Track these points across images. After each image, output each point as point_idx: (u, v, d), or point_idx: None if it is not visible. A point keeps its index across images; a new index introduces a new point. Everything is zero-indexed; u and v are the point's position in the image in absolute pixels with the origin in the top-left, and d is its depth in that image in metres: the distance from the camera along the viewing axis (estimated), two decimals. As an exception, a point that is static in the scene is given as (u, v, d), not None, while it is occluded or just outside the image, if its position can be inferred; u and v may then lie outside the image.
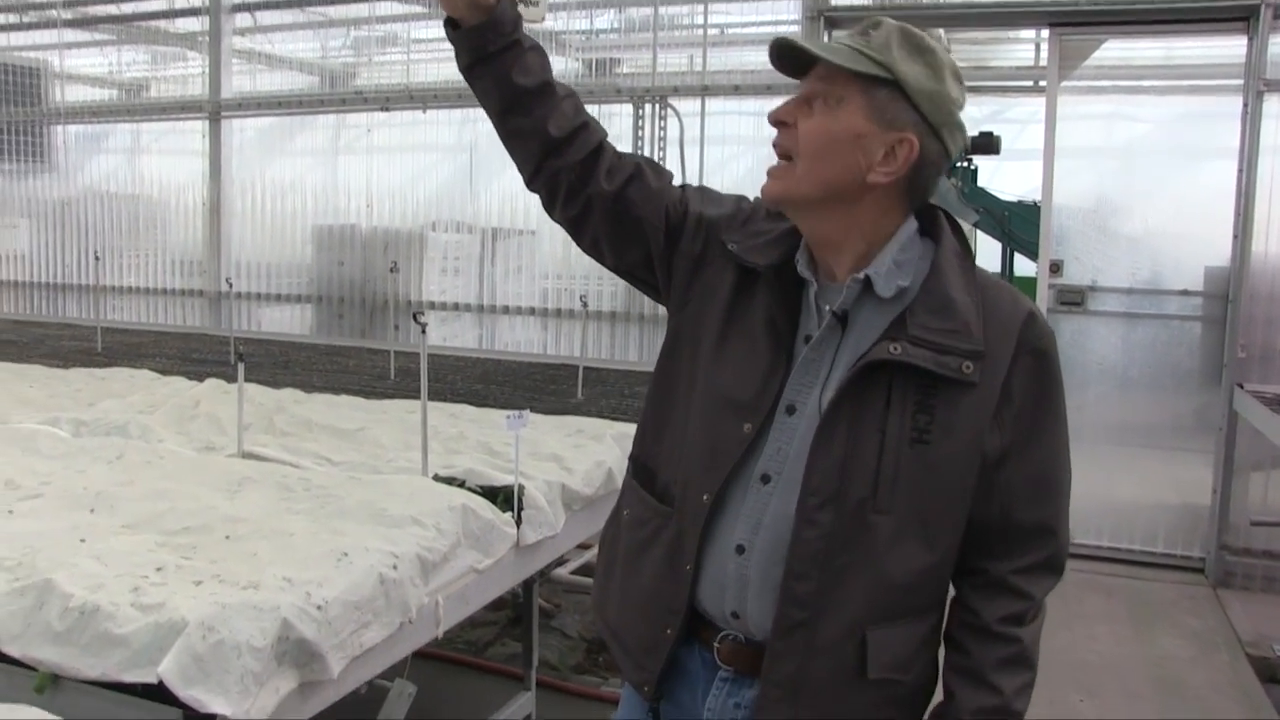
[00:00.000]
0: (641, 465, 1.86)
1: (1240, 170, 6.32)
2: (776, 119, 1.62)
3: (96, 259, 9.85)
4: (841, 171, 1.56)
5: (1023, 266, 9.13)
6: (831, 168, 1.56)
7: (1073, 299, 6.75)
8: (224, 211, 9.53)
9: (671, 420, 1.78)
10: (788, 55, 1.60)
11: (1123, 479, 6.59)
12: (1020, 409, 1.59)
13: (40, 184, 11.05)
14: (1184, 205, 6.75)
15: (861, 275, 1.59)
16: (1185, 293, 6.65)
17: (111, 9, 11.07)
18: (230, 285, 8.49)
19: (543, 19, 1.93)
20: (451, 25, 1.72)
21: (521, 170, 1.83)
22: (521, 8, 1.77)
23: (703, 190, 1.86)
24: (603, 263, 1.87)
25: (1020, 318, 1.60)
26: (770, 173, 1.63)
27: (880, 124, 1.55)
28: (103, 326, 7.16)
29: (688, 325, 1.77)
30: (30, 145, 11.08)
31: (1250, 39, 6.31)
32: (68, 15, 11.02)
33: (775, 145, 1.62)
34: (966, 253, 1.66)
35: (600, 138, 1.80)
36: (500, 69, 1.70)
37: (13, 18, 11.57)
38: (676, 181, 1.85)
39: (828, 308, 1.61)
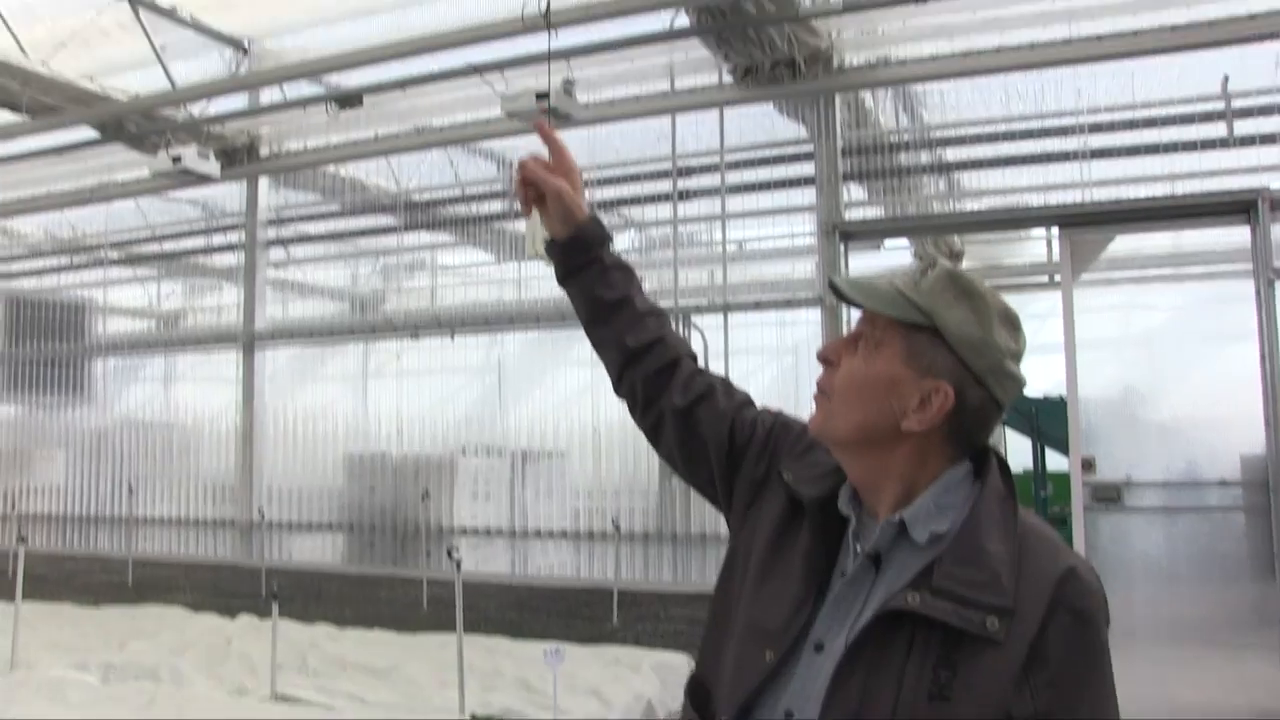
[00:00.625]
0: (698, 684, 1.82)
1: (1263, 357, 6.31)
2: (823, 357, 1.63)
3: (130, 492, 9.93)
4: (874, 416, 1.54)
5: (1055, 462, 9.06)
6: (863, 411, 1.54)
7: (1109, 495, 6.65)
8: (256, 438, 9.65)
9: (725, 641, 1.76)
10: (839, 290, 1.65)
11: (1183, 682, 6.31)
12: (1056, 675, 1.44)
13: (78, 415, 11.30)
14: (1210, 391, 6.71)
15: (896, 518, 1.57)
16: (1224, 483, 6.52)
17: (154, 247, 11.60)
18: (262, 515, 8.51)
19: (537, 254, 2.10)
20: (548, 244, 1.86)
21: (610, 375, 1.90)
22: (544, 247, 1.90)
23: (778, 415, 1.84)
24: (676, 472, 1.90)
25: (1058, 573, 1.46)
26: (816, 407, 1.63)
27: (916, 370, 1.52)
28: (134, 559, 7.16)
29: (742, 546, 1.74)
30: (71, 378, 11.39)
31: (1253, 228, 6.39)
32: (115, 255, 11.53)
33: (818, 381, 1.62)
34: (1011, 496, 1.59)
35: (677, 354, 1.85)
36: (585, 282, 1.83)
37: (64, 259, 12.16)
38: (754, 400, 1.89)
39: (860, 547, 1.60)
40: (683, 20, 6.52)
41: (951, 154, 7.88)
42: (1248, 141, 6.97)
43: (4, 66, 7.68)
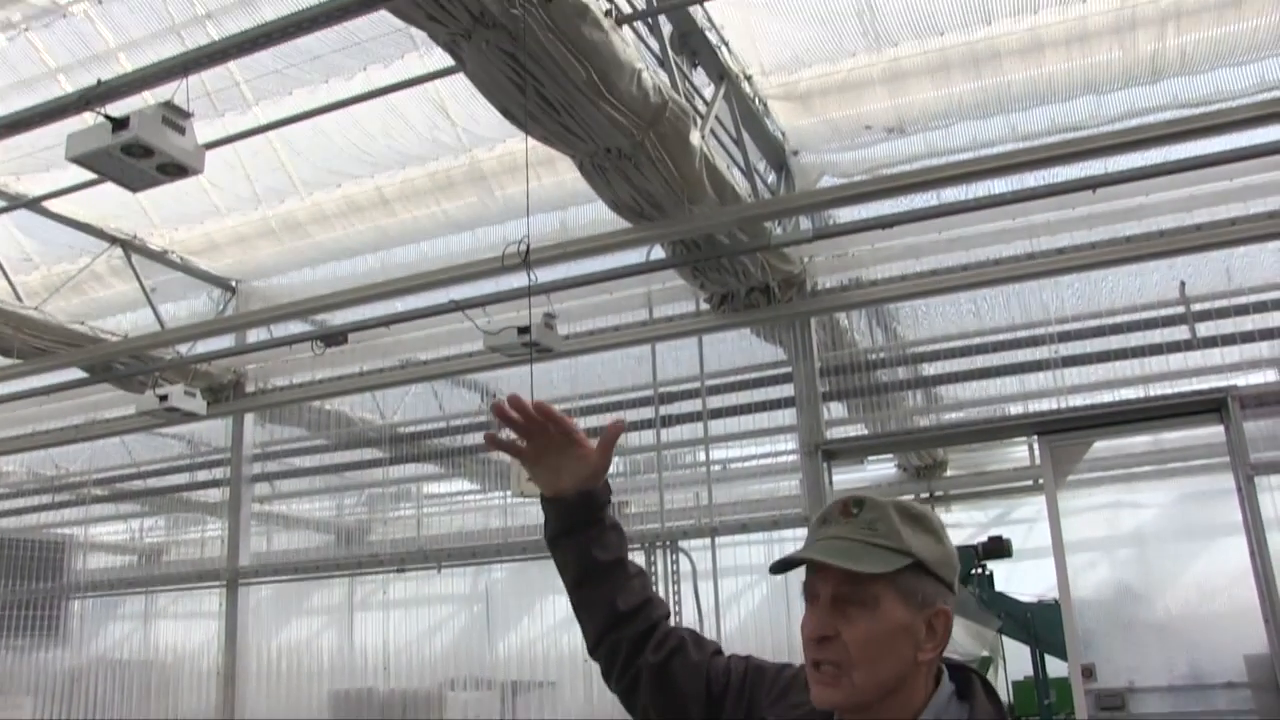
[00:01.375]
0: None
1: (1252, 553, 6.29)
2: (820, 635, 1.60)
3: (104, 736, 9.57)
4: (897, 665, 1.58)
5: (1055, 667, 8.89)
6: (888, 667, 1.57)
7: (1112, 703, 6.51)
8: (239, 676, 9.38)
9: None
10: (790, 565, 1.64)
11: None
12: None
13: (50, 656, 10.95)
14: (1205, 588, 6.66)
15: None
16: (1230, 685, 6.40)
17: (138, 483, 11.56)
18: (244, 761, 8.19)
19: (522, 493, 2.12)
20: (546, 500, 1.86)
21: (586, 638, 1.89)
22: (530, 485, 1.91)
23: (748, 660, 1.88)
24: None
25: None
26: (817, 679, 1.61)
27: (916, 607, 1.58)
28: (109, 816, 6.82)
29: None
30: (45, 619, 11.10)
31: (1226, 426, 6.49)
32: (98, 491, 11.47)
33: (816, 656, 1.61)
34: (1000, 713, 1.66)
35: (660, 614, 1.87)
36: (584, 542, 1.82)
37: (46, 498, 12.07)
38: (699, 627, 1.89)
39: None
40: (659, 252, 6.77)
41: (928, 368, 8.07)
42: (1210, 342, 7.19)
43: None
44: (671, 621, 1.92)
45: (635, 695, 1.83)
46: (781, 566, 1.63)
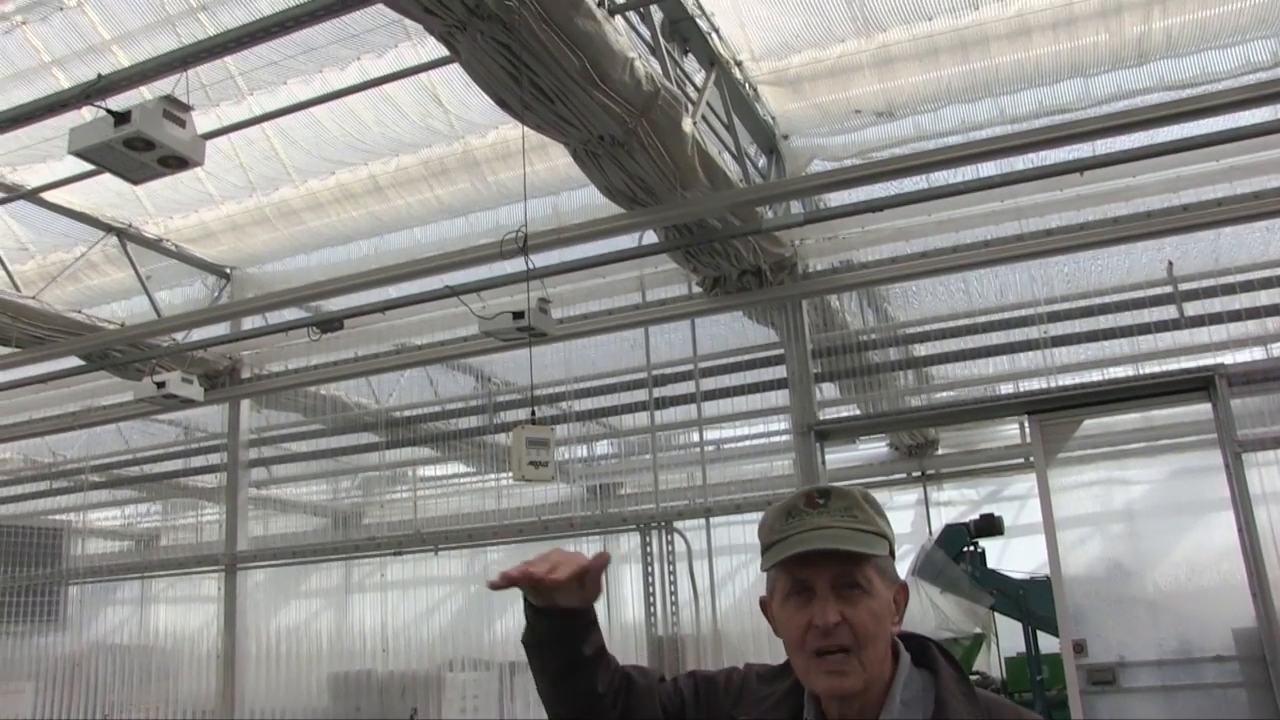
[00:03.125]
0: None
1: (1240, 528, 6.36)
2: (833, 624, 1.64)
3: (105, 720, 9.64)
4: (886, 641, 1.69)
5: (1047, 643, 8.98)
6: (882, 643, 1.68)
7: (1103, 678, 6.58)
8: (238, 660, 9.45)
9: None
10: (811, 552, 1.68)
11: None
12: None
13: (49, 642, 11.00)
14: (1194, 564, 6.70)
15: None
16: (1219, 659, 6.47)
17: (134, 470, 11.61)
18: (246, 749, 8.27)
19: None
20: (535, 609, 1.81)
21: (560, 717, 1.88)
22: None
23: (693, 675, 1.94)
24: None
25: None
26: (835, 668, 1.64)
27: (889, 585, 1.70)
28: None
29: None
30: (43, 605, 11.16)
31: (1214, 404, 6.55)
32: (95, 478, 11.52)
33: (830, 644, 1.64)
34: (962, 676, 1.73)
35: (623, 677, 1.88)
36: (575, 641, 1.80)
37: (43, 484, 12.12)
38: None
39: None
40: (651, 237, 6.82)
41: (919, 349, 8.14)
42: (1198, 321, 7.26)
43: (-1, 301, 7.89)
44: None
45: None
46: (791, 558, 1.67)
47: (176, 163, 4.80)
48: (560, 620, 1.79)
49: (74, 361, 9.08)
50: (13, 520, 11.78)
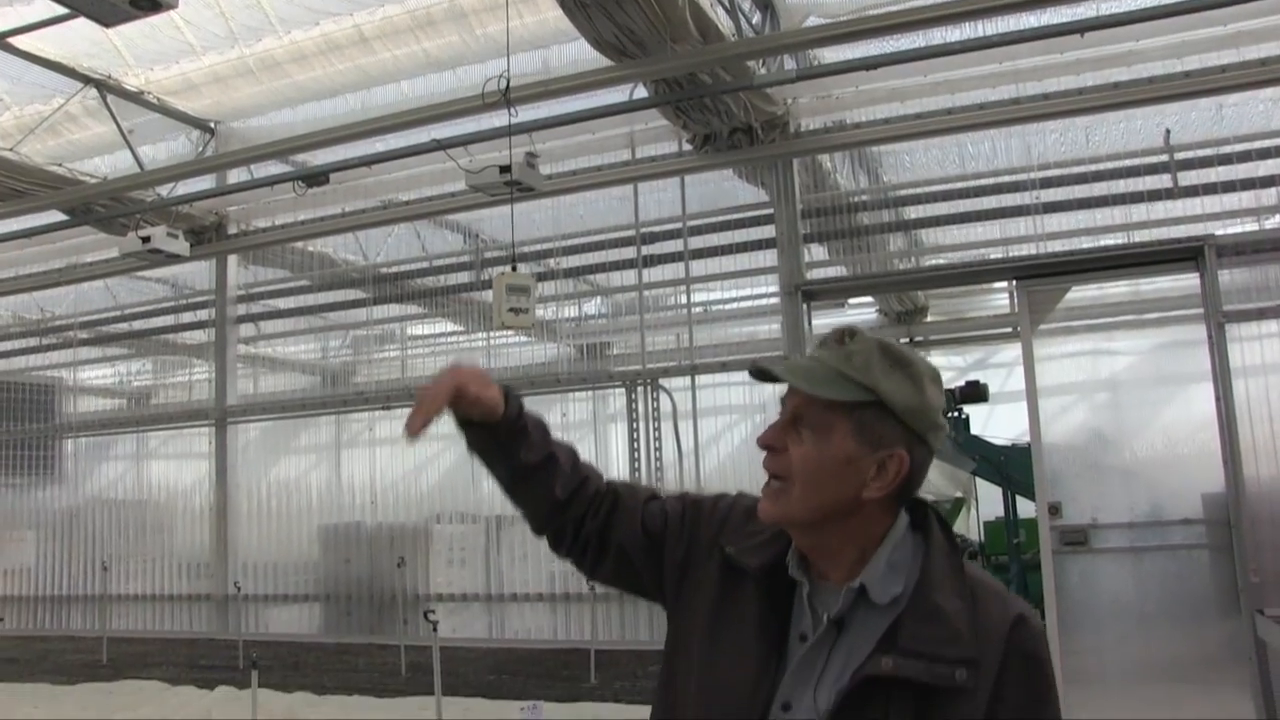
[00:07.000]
0: None
1: (1217, 398, 6.43)
2: (766, 444, 1.64)
3: (104, 569, 9.87)
4: (836, 494, 1.60)
5: (1026, 509, 9.14)
6: (826, 492, 1.60)
7: (1075, 539, 6.72)
8: (230, 513, 9.63)
9: (679, 713, 1.80)
10: (768, 376, 1.65)
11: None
12: (1012, 714, 1.55)
13: (48, 495, 11.22)
14: (1171, 433, 6.78)
15: (857, 584, 1.61)
16: (1187, 522, 6.60)
17: (123, 326, 11.62)
18: (239, 588, 8.48)
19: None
20: (459, 421, 1.80)
21: (530, 525, 1.89)
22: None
23: (683, 497, 1.90)
24: (603, 583, 1.92)
25: (1009, 621, 1.60)
26: (765, 494, 1.65)
27: (869, 444, 1.59)
28: (109, 636, 7.10)
29: (682, 624, 1.80)
30: (41, 459, 11.33)
31: (1201, 275, 6.53)
32: (84, 335, 11.55)
33: (766, 466, 1.64)
34: (955, 551, 1.67)
35: (595, 488, 1.87)
36: (509, 448, 1.78)
37: (32, 341, 12.16)
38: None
39: (825, 614, 1.65)
40: (641, 92, 6.69)
41: (910, 212, 8.07)
42: (1192, 191, 7.19)
43: (-27, 154, 7.75)
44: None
45: (584, 560, 1.87)
46: (758, 374, 1.66)
47: (148, 4, 4.64)
48: (479, 433, 1.77)
49: (57, 216, 9.00)
50: (6, 376, 11.84)
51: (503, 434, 1.77)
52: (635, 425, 7.58)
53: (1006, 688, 1.57)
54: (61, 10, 5.13)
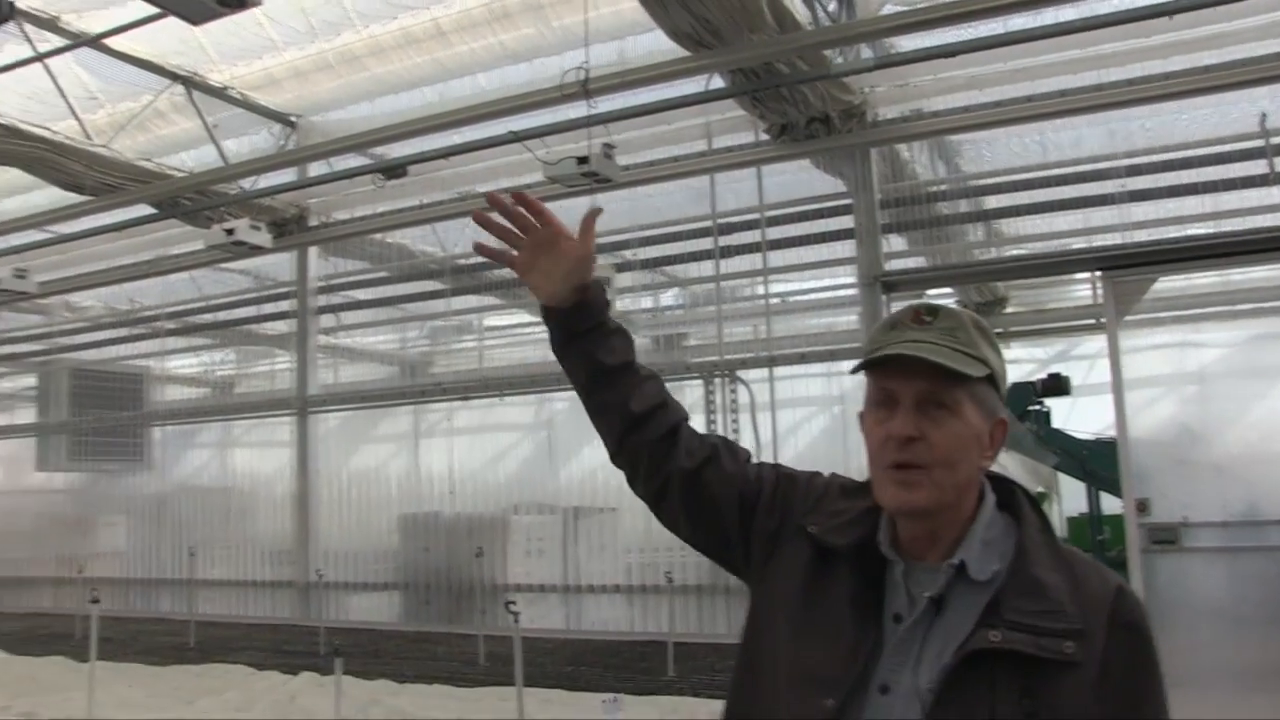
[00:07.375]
0: None
1: (1314, 392, 6.23)
2: (907, 436, 1.60)
3: (191, 555, 10.12)
4: (968, 471, 1.61)
5: (1110, 504, 8.94)
6: (964, 470, 1.60)
7: (1165, 537, 6.53)
8: (311, 501, 9.81)
9: (759, 701, 1.78)
10: (893, 362, 1.61)
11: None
12: (1122, 685, 1.55)
13: (138, 481, 11.55)
14: (1266, 429, 6.59)
15: (957, 561, 1.60)
16: (1286, 521, 6.40)
17: (207, 317, 11.92)
18: (320, 575, 8.63)
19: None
20: (546, 310, 1.84)
21: (606, 444, 1.88)
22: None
23: (777, 468, 1.88)
24: (681, 537, 1.88)
25: (1110, 592, 1.59)
26: (901, 482, 1.61)
27: (986, 416, 1.61)
28: (197, 620, 7.28)
29: (766, 602, 1.77)
30: (131, 446, 11.67)
31: (1295, 265, 6.37)
32: (170, 325, 11.85)
33: (900, 457, 1.61)
34: (1047, 527, 1.67)
35: (679, 419, 1.86)
36: (588, 347, 1.80)
37: (122, 331, 12.53)
38: (754, 456, 1.90)
39: (925, 594, 1.61)
40: (718, 82, 6.66)
41: (990, 201, 7.93)
42: (1289, 178, 6.97)
43: (70, 150, 7.99)
44: (702, 429, 1.90)
45: (665, 501, 1.84)
46: (873, 362, 1.62)
47: (235, 1, 4.74)
48: (566, 317, 1.81)
49: (146, 210, 9.23)
50: (97, 365, 12.20)
51: (582, 321, 1.80)
52: (712, 417, 7.57)
53: (1113, 659, 1.56)
54: (153, 10, 5.25)
